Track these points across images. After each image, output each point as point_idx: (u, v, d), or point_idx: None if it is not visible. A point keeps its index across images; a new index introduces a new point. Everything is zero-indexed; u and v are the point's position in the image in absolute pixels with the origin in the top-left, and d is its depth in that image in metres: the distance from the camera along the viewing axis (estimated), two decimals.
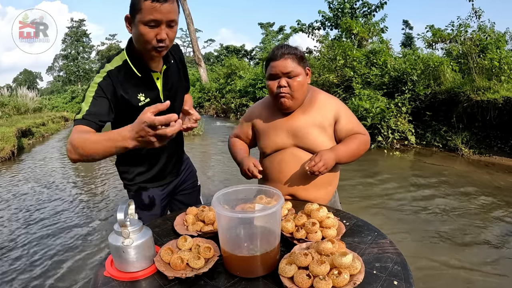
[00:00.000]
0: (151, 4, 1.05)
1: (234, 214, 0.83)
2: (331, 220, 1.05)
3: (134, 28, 1.12)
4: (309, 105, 1.43)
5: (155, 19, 1.07)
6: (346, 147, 1.37)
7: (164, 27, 1.10)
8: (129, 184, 1.46)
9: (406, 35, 32.53)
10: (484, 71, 6.23)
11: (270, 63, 1.38)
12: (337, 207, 1.55)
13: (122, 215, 0.90)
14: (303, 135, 1.39)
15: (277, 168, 1.44)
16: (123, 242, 0.92)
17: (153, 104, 1.09)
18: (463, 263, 2.50)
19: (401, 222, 3.27)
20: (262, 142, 1.49)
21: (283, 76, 1.34)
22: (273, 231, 0.89)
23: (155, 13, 1.06)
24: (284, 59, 1.34)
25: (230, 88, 15.96)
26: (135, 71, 1.21)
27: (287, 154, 1.42)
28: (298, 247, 0.95)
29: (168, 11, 1.08)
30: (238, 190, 0.99)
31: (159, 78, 1.28)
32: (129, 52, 1.22)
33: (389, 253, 1.02)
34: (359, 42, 9.52)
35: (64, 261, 2.78)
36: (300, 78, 1.35)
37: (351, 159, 1.39)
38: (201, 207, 1.25)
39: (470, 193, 3.96)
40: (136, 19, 1.09)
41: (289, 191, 1.44)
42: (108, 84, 1.16)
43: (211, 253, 0.95)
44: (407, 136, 6.54)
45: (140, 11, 1.06)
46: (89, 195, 4.63)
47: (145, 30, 1.09)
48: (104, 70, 1.18)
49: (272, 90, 1.38)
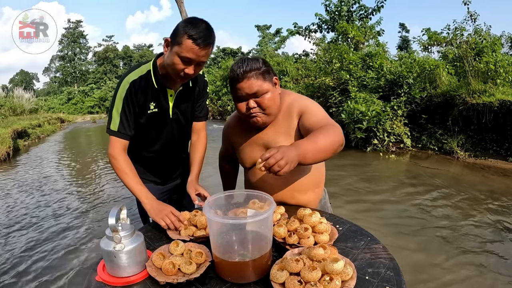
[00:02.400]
0: (191, 44, 1.17)
1: (225, 220, 0.83)
2: (324, 225, 1.05)
3: (170, 54, 1.24)
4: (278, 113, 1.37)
5: (189, 58, 1.19)
6: (313, 141, 1.08)
7: (194, 65, 1.23)
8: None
9: (402, 38, 32.64)
10: (480, 74, 6.27)
11: (234, 84, 1.29)
12: (327, 208, 1.53)
13: (113, 220, 0.90)
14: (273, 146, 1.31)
15: (259, 180, 1.41)
16: (115, 247, 0.91)
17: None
18: (458, 268, 2.51)
19: (396, 226, 3.27)
20: (240, 157, 1.48)
21: (249, 97, 1.27)
22: (265, 237, 0.89)
23: (191, 54, 1.18)
24: (247, 79, 1.24)
25: (227, 91, 15.96)
26: (154, 83, 1.35)
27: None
28: (290, 253, 0.95)
29: (203, 55, 1.21)
30: (230, 195, 0.99)
31: (172, 95, 1.41)
32: (155, 65, 1.36)
33: (381, 258, 1.02)
34: (355, 45, 9.56)
35: (56, 265, 2.76)
36: (268, 94, 1.27)
37: (321, 156, 1.09)
38: (194, 212, 1.24)
39: (465, 196, 3.97)
40: (174, 49, 1.20)
41: (277, 200, 1.41)
42: (131, 95, 1.33)
43: (203, 258, 0.95)
44: (403, 139, 6.56)
45: (180, 46, 1.18)
46: (84, 198, 4.61)
47: (178, 62, 1.21)
48: (127, 80, 1.34)
49: (241, 111, 1.32)
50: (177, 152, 1.64)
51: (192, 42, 1.16)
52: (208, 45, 1.21)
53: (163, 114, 1.42)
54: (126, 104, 1.33)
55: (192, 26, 1.17)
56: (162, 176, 1.64)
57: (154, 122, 1.42)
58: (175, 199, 1.75)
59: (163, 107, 1.41)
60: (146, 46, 49.44)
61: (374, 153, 6.45)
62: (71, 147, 9.94)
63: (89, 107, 31.30)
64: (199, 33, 1.16)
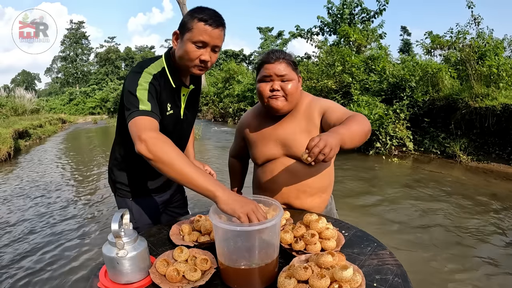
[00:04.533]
0: (203, 26, 1.12)
1: (232, 226, 0.81)
2: (331, 231, 1.03)
3: (181, 44, 1.17)
4: (295, 111, 1.40)
5: (203, 41, 1.14)
6: (346, 127, 1.12)
7: (209, 50, 1.17)
8: (127, 191, 1.40)
9: (404, 41, 32.68)
10: (483, 78, 6.25)
11: (263, 65, 1.34)
12: (334, 214, 1.52)
13: (116, 225, 0.87)
14: (291, 143, 1.35)
15: (269, 178, 1.41)
16: (117, 253, 0.89)
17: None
18: (462, 273, 2.48)
19: (400, 231, 3.24)
20: (252, 153, 1.47)
21: (277, 78, 1.31)
22: (272, 243, 0.87)
23: (205, 35, 1.13)
24: (279, 62, 1.31)
25: (228, 93, 15.97)
26: (171, 81, 1.25)
27: (278, 164, 1.39)
28: (297, 260, 0.93)
29: (216, 37, 1.16)
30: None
31: (185, 95, 1.34)
32: (169, 61, 1.26)
33: (389, 265, 1.00)
34: (357, 48, 9.56)
35: (57, 270, 2.73)
36: (293, 83, 1.33)
37: (356, 140, 1.13)
38: (197, 216, 1.22)
39: (468, 201, 3.94)
40: (185, 37, 1.15)
41: (283, 201, 1.41)
42: (156, 85, 1.19)
43: (208, 265, 0.93)
44: (405, 143, 6.53)
45: (191, 30, 1.13)
46: (86, 201, 4.59)
47: (192, 49, 1.15)
48: (148, 72, 1.20)
49: (263, 92, 1.33)
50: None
51: (204, 24, 1.12)
52: (221, 25, 1.17)
53: (176, 116, 1.32)
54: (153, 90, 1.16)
55: (200, 10, 1.15)
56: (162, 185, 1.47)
57: (168, 125, 1.29)
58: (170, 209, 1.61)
59: (176, 108, 1.31)
60: (148, 47, 49.60)
61: (376, 157, 6.43)
62: (72, 148, 9.93)
63: (91, 108, 31.38)
64: (209, 14, 1.14)
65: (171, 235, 1.15)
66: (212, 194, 0.92)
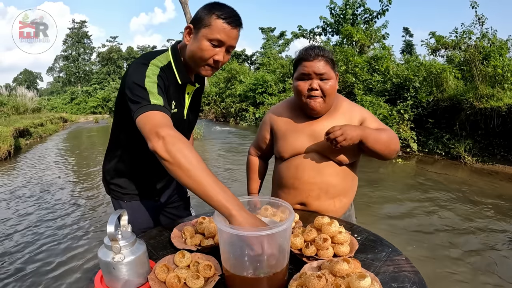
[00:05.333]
0: (223, 24, 1.06)
1: (239, 231, 0.73)
2: (344, 235, 0.96)
3: (195, 40, 1.10)
4: (334, 111, 1.35)
5: (220, 40, 1.07)
6: (375, 130, 1.27)
7: (224, 49, 1.11)
8: (122, 193, 1.33)
9: (406, 42, 32.62)
10: (487, 79, 6.18)
11: (302, 62, 1.29)
12: (352, 221, 1.46)
13: (112, 228, 0.80)
14: (324, 141, 1.29)
15: (293, 174, 1.35)
16: (114, 257, 0.82)
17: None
18: (469, 275, 2.41)
19: (406, 233, 3.17)
20: (280, 145, 1.39)
21: (315, 77, 1.26)
22: (283, 249, 0.80)
23: (223, 34, 1.07)
24: (319, 60, 1.26)
25: (230, 93, 15.91)
26: (177, 78, 1.17)
27: (305, 159, 1.33)
28: (308, 267, 0.86)
29: (234, 37, 1.10)
30: (242, 201, 0.89)
31: (189, 93, 1.26)
32: (176, 56, 1.17)
33: (406, 272, 0.93)
34: (360, 48, 9.49)
35: (52, 272, 2.65)
36: (332, 82, 1.28)
37: (379, 146, 1.24)
38: (201, 218, 1.15)
39: (475, 203, 3.87)
40: (201, 33, 1.08)
41: (302, 199, 1.36)
42: (165, 79, 1.10)
43: (212, 272, 0.86)
44: (409, 144, 6.46)
45: (209, 27, 1.06)
46: (86, 200, 4.53)
47: (207, 47, 1.08)
48: (156, 64, 1.10)
49: (301, 91, 1.29)
50: None
51: (223, 22, 1.05)
52: (239, 25, 1.11)
53: (180, 115, 1.23)
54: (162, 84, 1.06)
55: (220, 7, 1.08)
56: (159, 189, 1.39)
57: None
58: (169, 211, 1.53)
59: (181, 107, 1.22)
60: (150, 47, 49.63)
61: None
62: (72, 147, 9.89)
63: (92, 107, 31.37)
64: (229, 12, 1.07)
65: (173, 238, 1.08)
66: (228, 213, 0.81)
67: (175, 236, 1.09)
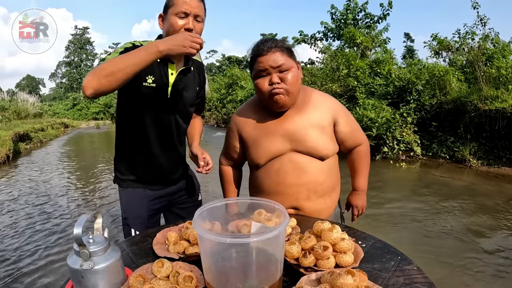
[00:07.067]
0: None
1: (221, 238, 0.61)
2: (347, 242, 0.84)
3: (166, 22, 1.28)
4: (304, 104, 1.27)
5: (184, 11, 1.23)
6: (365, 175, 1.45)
7: (192, 19, 1.25)
8: (121, 179, 1.44)
9: (407, 47, 32.56)
10: (491, 80, 6.07)
11: (256, 59, 1.22)
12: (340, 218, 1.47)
13: (79, 230, 0.70)
14: (302, 138, 1.22)
15: (274, 180, 1.24)
16: (82, 265, 0.72)
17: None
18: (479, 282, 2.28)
19: (411, 239, 3.05)
20: (253, 153, 1.29)
21: (274, 71, 1.19)
22: (275, 259, 0.68)
23: (185, 6, 1.23)
24: (273, 53, 1.19)
25: (231, 98, 15.86)
26: None
27: (285, 161, 1.23)
28: (306, 279, 0.74)
29: (196, 6, 1.25)
30: (230, 203, 0.78)
31: (173, 73, 1.34)
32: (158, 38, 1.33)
33: (418, 283, 0.82)
34: (362, 51, 9.40)
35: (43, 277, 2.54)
36: (293, 71, 1.20)
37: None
38: (187, 223, 1.03)
39: (482, 207, 3.74)
40: (168, 13, 1.26)
41: (291, 204, 1.25)
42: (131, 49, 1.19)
43: (193, 284, 0.74)
44: (413, 147, 6.34)
45: (173, 5, 1.25)
46: (85, 201, 4.43)
47: (175, 21, 1.24)
48: (131, 42, 1.29)
49: (262, 88, 1.21)
50: (175, 145, 1.45)
51: None
52: None
53: (161, 90, 1.31)
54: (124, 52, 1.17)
55: None
56: (159, 177, 1.44)
57: (150, 99, 1.30)
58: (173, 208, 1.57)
59: (162, 82, 1.31)
60: None
61: (383, 161, 6.23)
62: (73, 152, 9.81)
63: (94, 113, 31.36)
64: None
65: (154, 245, 0.97)
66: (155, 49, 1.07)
67: (157, 243, 0.98)
